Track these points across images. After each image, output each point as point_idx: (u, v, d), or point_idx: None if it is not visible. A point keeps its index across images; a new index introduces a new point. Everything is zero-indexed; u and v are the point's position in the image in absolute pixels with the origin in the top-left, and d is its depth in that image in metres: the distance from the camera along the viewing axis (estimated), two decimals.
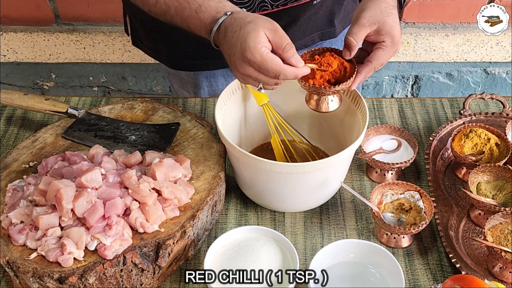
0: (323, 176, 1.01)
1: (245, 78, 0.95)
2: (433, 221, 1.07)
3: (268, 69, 0.92)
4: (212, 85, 1.37)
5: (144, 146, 1.12)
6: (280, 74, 0.92)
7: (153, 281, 0.96)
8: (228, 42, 0.94)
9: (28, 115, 1.29)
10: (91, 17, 1.96)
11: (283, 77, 0.93)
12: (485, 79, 2.16)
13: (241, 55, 0.92)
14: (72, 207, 0.93)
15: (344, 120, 1.12)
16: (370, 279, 0.96)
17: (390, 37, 0.99)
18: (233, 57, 0.93)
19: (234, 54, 0.93)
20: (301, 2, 1.18)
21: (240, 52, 0.92)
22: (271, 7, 1.16)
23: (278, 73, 0.92)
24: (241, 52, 0.91)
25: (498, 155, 1.12)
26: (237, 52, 0.92)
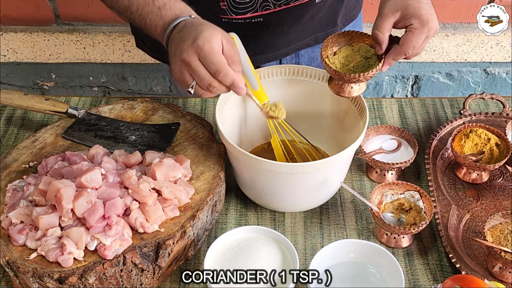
0: (323, 176, 1.01)
1: (183, 69, 0.93)
2: (433, 221, 1.07)
3: (213, 61, 0.90)
4: None
5: (144, 146, 1.12)
6: (221, 71, 0.91)
7: (153, 281, 0.96)
8: (182, 34, 0.93)
9: (28, 115, 1.29)
10: (91, 17, 1.96)
11: (222, 76, 0.91)
12: (485, 79, 2.16)
13: (192, 41, 0.90)
14: (72, 207, 0.93)
15: (344, 120, 1.12)
16: (370, 279, 0.96)
17: (417, 18, 0.96)
18: (182, 43, 0.92)
19: (185, 41, 0.91)
20: (303, 1, 1.18)
21: (192, 39, 0.91)
22: (274, 6, 1.16)
23: (220, 69, 0.91)
24: (193, 39, 0.90)
25: (498, 155, 1.12)
26: (188, 39, 0.91)
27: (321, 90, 1.13)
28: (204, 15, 1.08)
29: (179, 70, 0.94)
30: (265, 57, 1.26)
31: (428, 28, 0.97)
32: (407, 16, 0.97)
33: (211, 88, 0.93)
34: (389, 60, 1.00)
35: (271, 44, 1.25)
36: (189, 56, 0.91)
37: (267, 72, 1.13)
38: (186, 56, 0.91)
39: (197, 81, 0.93)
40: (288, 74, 1.14)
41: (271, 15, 1.17)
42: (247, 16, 1.16)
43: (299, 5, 1.19)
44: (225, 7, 1.14)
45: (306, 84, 1.14)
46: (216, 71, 0.91)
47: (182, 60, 0.92)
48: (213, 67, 0.91)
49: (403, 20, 0.98)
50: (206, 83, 0.93)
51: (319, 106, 1.15)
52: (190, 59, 0.91)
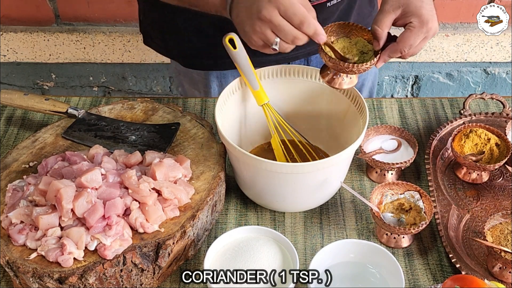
0: (323, 176, 1.01)
1: (263, 27, 0.92)
2: (433, 221, 1.07)
3: (296, 12, 0.90)
4: (223, 85, 1.37)
5: (144, 146, 1.12)
6: (305, 21, 0.91)
7: (153, 281, 0.96)
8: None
9: (28, 115, 1.29)
10: (91, 17, 1.96)
11: (306, 26, 0.91)
12: (485, 79, 2.16)
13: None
14: (72, 207, 0.93)
15: (344, 120, 1.12)
16: (370, 279, 0.96)
17: (417, 17, 0.96)
18: (257, 2, 0.91)
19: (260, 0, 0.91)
20: (315, 3, 1.17)
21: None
22: None
23: (304, 19, 0.91)
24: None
25: (498, 155, 1.12)
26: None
27: (321, 90, 1.13)
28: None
29: (259, 30, 0.92)
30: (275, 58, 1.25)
31: (427, 28, 0.96)
32: (408, 14, 0.96)
33: (296, 40, 0.93)
34: (385, 57, 0.99)
35: None
36: (270, 12, 0.90)
37: (267, 72, 1.13)
38: (267, 13, 0.90)
39: (281, 37, 0.92)
40: (288, 74, 1.14)
41: None
42: None
43: None
44: None
45: (306, 84, 1.14)
46: (300, 21, 0.91)
47: (261, 19, 0.91)
48: (296, 18, 0.91)
49: (403, 18, 0.97)
50: (291, 36, 0.92)
51: (319, 106, 1.15)
52: (272, 14, 0.90)
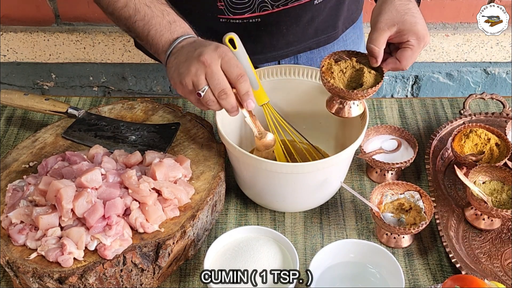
0: (323, 176, 1.01)
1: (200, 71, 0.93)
2: (433, 221, 1.07)
3: (238, 65, 0.93)
4: None
5: (144, 146, 1.12)
6: (243, 76, 0.94)
7: (153, 281, 0.96)
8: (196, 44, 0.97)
9: (28, 115, 1.29)
10: (91, 17, 1.96)
11: (243, 81, 0.94)
12: (485, 79, 2.16)
13: (215, 47, 0.93)
14: (72, 207, 0.93)
15: (344, 120, 1.12)
16: (370, 279, 0.96)
17: (414, 34, 0.97)
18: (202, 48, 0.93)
19: (205, 46, 0.94)
20: (302, 2, 1.17)
21: (214, 46, 0.94)
22: (272, 7, 1.16)
23: (243, 74, 0.94)
24: (216, 46, 0.94)
25: (498, 155, 1.12)
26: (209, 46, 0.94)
27: (321, 90, 1.13)
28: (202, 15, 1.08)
29: (195, 72, 0.94)
30: (264, 57, 1.26)
31: (424, 43, 0.98)
32: (404, 32, 0.97)
33: (222, 94, 0.94)
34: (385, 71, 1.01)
35: (270, 44, 1.25)
36: (212, 58, 0.92)
37: (267, 72, 1.13)
38: (208, 58, 0.92)
39: (211, 86, 0.94)
40: (287, 74, 1.14)
41: (269, 16, 1.17)
42: (245, 16, 1.16)
43: (298, 6, 1.18)
44: (223, 7, 1.14)
45: (306, 84, 1.14)
46: (238, 74, 0.93)
47: (201, 61, 0.93)
48: (237, 69, 0.93)
49: (399, 36, 0.98)
50: (220, 88, 0.94)
51: (319, 106, 1.15)
52: (213, 62, 0.92)
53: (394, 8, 0.98)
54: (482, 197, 1.03)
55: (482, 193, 1.04)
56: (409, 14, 0.97)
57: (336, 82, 0.99)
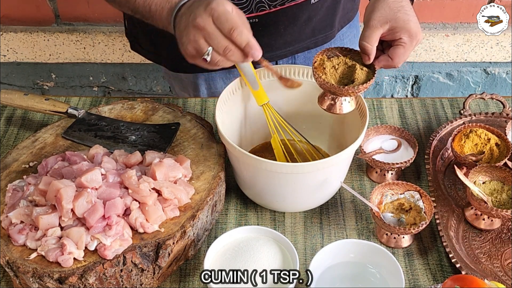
0: (323, 176, 1.01)
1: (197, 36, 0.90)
2: (433, 221, 1.07)
3: (228, 19, 0.89)
4: (211, 87, 1.37)
5: (144, 146, 1.12)
6: (236, 29, 0.89)
7: (153, 281, 0.96)
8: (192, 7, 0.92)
9: (28, 115, 1.29)
10: (91, 17, 1.96)
11: (237, 34, 0.89)
12: (485, 79, 2.16)
13: (205, 6, 0.89)
14: (72, 207, 0.93)
15: (344, 120, 1.12)
16: (370, 279, 0.96)
17: (407, 32, 0.97)
18: (195, 11, 0.90)
19: (197, 8, 0.90)
20: (298, 2, 1.17)
21: (204, 5, 0.90)
22: (269, 7, 1.16)
23: (234, 26, 0.89)
24: (206, 4, 0.90)
25: (498, 155, 1.12)
26: (200, 6, 0.90)
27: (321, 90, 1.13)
28: None
29: (193, 38, 0.91)
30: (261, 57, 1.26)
31: (416, 40, 0.98)
32: (397, 30, 0.97)
33: (227, 51, 0.91)
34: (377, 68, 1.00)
35: (267, 45, 1.24)
36: (204, 20, 0.89)
37: (267, 73, 1.13)
38: (201, 21, 0.89)
39: (213, 46, 0.91)
40: (288, 74, 1.14)
41: (266, 16, 1.17)
42: None
43: (295, 5, 1.18)
44: None
45: (306, 84, 1.13)
46: (230, 28, 0.89)
47: (196, 26, 0.90)
48: (227, 24, 0.89)
49: (392, 33, 0.98)
50: (222, 46, 0.90)
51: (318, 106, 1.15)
52: (205, 22, 0.89)
53: (387, 6, 0.98)
54: (482, 197, 1.03)
55: (482, 193, 1.04)
56: (402, 11, 0.97)
57: (327, 78, 0.99)
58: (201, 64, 0.94)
